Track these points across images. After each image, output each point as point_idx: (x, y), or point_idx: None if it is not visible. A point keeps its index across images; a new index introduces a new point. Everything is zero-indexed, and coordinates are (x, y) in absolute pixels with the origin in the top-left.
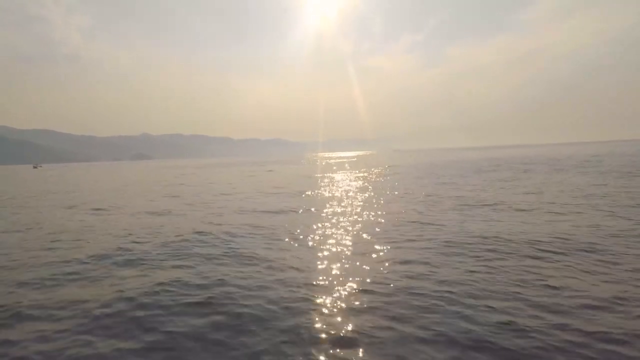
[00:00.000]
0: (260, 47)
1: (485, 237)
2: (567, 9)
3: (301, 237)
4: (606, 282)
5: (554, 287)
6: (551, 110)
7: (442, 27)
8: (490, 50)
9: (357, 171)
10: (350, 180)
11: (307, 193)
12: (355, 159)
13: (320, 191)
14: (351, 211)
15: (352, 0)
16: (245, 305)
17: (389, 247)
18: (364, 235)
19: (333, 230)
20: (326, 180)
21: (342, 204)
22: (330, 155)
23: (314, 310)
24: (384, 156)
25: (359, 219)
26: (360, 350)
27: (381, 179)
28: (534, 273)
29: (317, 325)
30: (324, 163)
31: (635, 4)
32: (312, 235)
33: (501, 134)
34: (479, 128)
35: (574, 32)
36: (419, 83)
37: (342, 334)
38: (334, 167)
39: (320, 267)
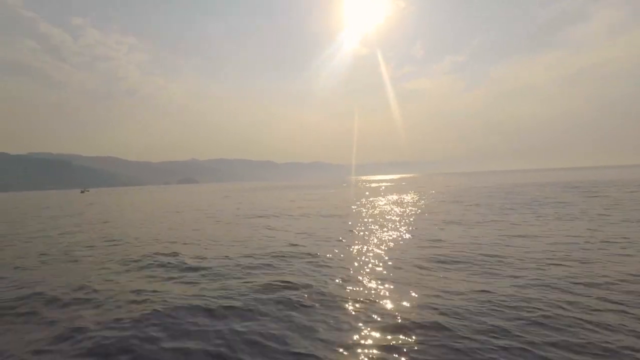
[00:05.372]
0: (301, 75)
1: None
2: (623, 24)
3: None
4: None
5: None
6: (609, 131)
7: (485, 46)
8: (539, 68)
9: (405, 194)
10: (402, 205)
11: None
12: (404, 183)
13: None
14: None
15: (391, 26)
16: None
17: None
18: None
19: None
20: (379, 203)
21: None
22: (370, 179)
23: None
24: (428, 179)
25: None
26: None
27: (437, 204)
28: None
29: None
30: (367, 186)
31: None
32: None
33: (555, 156)
34: (529, 149)
35: (632, 48)
36: (463, 104)
37: None
38: (380, 190)
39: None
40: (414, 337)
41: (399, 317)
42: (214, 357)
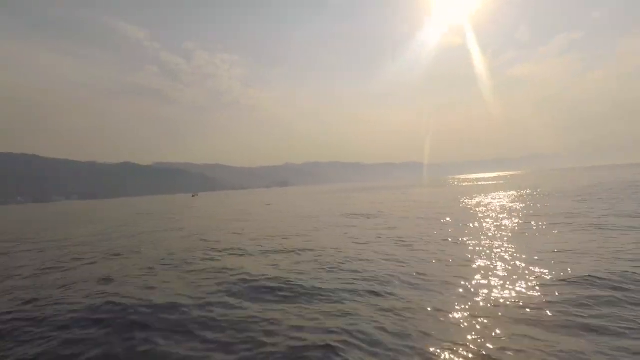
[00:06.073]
0: (386, 73)
1: None
2: None
3: None
4: None
5: None
6: None
7: (611, 17)
8: None
9: (518, 196)
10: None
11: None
12: (512, 181)
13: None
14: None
15: (487, 10)
16: None
17: None
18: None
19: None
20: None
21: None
22: (467, 177)
23: None
24: (538, 177)
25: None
26: None
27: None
28: None
29: None
30: (463, 185)
31: None
32: None
33: None
34: None
35: None
36: (578, 89)
37: None
38: (481, 190)
39: None
40: None
41: None
42: None
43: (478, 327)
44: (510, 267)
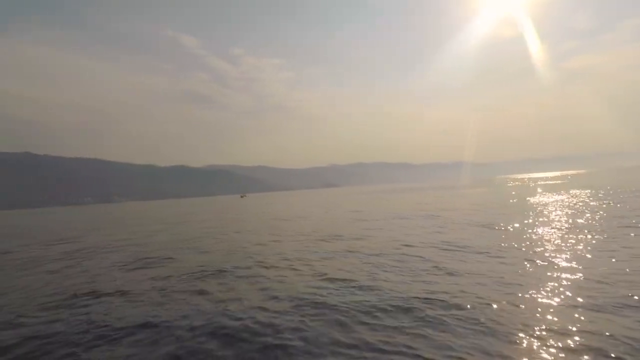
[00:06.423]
0: (433, 70)
1: None
2: None
3: None
4: None
5: None
6: None
7: None
8: None
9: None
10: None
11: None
12: (578, 181)
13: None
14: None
15: (542, 4)
16: None
17: None
18: None
19: None
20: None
21: None
22: (523, 177)
23: None
24: (608, 175)
25: None
26: None
27: None
28: None
29: None
30: (515, 185)
31: None
32: None
33: None
34: None
35: None
36: None
37: None
38: (543, 189)
39: None
40: None
41: None
42: None
43: None
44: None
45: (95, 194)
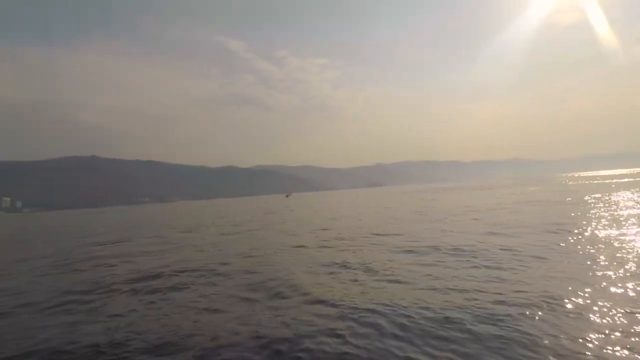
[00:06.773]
0: (483, 63)
1: None
2: None
3: None
4: None
5: None
6: None
7: None
8: None
9: None
10: None
11: None
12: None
13: None
14: None
15: None
16: None
17: None
18: None
19: None
20: None
21: None
22: (586, 175)
23: None
24: None
25: None
26: None
27: None
28: None
29: None
30: (579, 183)
31: None
32: None
33: None
34: None
35: None
36: None
37: None
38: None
39: None
40: None
41: None
42: None
43: None
44: None
45: (153, 193)
